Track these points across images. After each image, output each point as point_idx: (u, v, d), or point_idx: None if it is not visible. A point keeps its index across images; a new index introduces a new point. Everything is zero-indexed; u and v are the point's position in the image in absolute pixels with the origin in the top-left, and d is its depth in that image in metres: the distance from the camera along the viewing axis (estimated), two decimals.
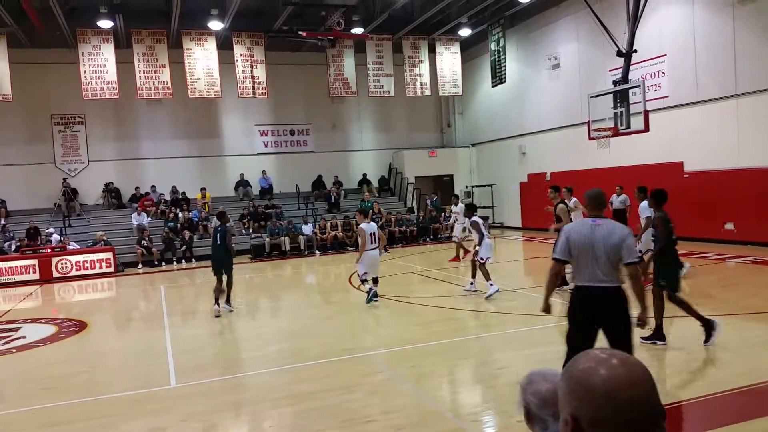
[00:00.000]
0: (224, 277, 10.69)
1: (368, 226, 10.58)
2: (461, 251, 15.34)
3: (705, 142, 15.74)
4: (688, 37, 16.07)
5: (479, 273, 10.56)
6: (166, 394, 6.44)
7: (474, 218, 10.81)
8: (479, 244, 10.55)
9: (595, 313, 4.69)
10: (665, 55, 16.73)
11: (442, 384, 6.61)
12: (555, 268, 4.93)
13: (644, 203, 10.44)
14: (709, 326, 6.72)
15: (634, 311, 4.67)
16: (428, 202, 23.41)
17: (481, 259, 10.42)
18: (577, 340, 4.71)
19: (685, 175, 16.24)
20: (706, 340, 6.69)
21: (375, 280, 10.72)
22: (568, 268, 4.88)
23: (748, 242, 14.35)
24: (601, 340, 4.59)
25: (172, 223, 20.57)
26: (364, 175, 25.86)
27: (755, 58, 14.41)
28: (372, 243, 10.48)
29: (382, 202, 23.99)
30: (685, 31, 16.15)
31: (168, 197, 22.65)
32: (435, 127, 28.10)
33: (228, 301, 10.73)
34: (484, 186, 25.46)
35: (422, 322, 9.10)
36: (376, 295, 10.50)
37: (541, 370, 1.85)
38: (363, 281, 10.72)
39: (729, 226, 15.16)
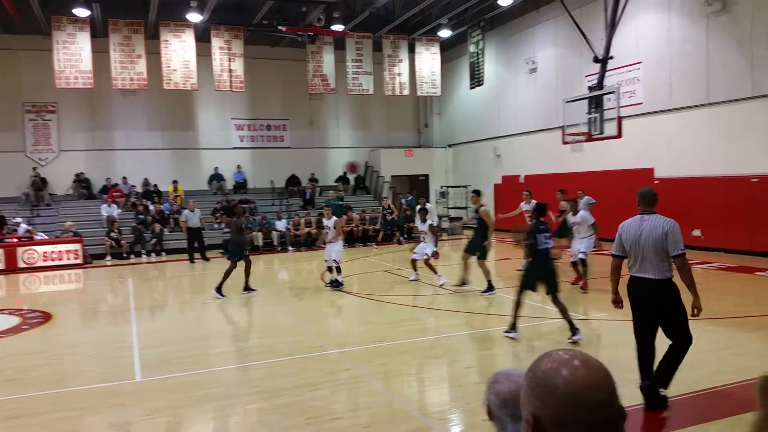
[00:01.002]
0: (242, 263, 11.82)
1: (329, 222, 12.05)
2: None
3: (676, 150, 16.02)
4: (664, 45, 16.34)
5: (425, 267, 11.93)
6: (130, 388, 6.35)
7: (429, 222, 12.22)
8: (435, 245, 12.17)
9: (647, 304, 5.08)
10: (641, 62, 16.99)
11: (411, 382, 6.61)
12: (613, 263, 5.35)
13: (584, 212, 11.15)
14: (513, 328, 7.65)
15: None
16: (403, 201, 23.45)
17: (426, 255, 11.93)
18: (638, 329, 5.23)
19: (655, 181, 16.49)
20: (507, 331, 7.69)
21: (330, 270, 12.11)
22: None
23: (714, 249, 14.65)
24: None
25: (142, 216, 20.29)
26: (344, 172, 25.79)
27: (727, 68, 14.70)
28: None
29: (357, 200, 23.99)
30: (661, 40, 16.42)
31: (139, 189, 22.33)
32: (412, 127, 28.16)
33: (246, 286, 11.86)
34: (459, 187, 25.59)
35: (393, 321, 9.10)
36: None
37: (507, 369, 1.86)
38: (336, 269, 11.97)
39: (696, 232, 15.44)
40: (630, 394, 5.41)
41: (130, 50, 19.54)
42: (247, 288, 11.84)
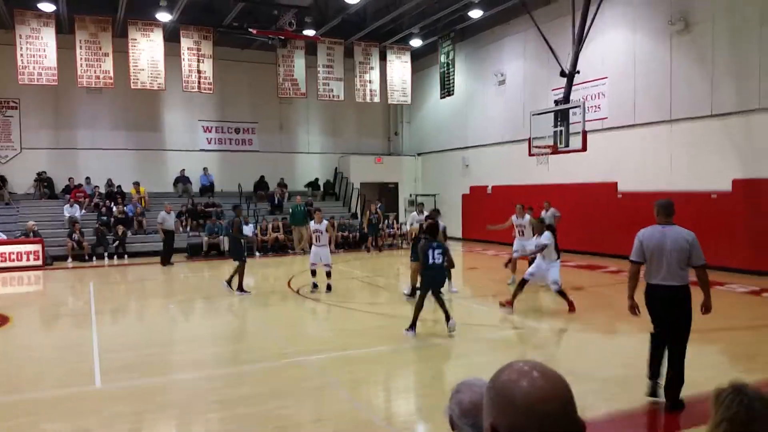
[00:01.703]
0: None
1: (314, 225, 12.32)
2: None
3: (639, 165, 16.41)
4: (629, 62, 16.75)
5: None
6: (90, 394, 6.21)
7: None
8: None
9: (665, 308, 5.43)
10: (606, 78, 17.38)
11: (377, 391, 6.62)
12: (632, 269, 5.62)
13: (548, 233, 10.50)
14: (413, 327, 8.40)
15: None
16: (375, 210, 23.47)
17: None
18: (661, 335, 5.55)
19: (618, 195, 16.87)
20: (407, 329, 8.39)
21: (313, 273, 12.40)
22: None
23: None
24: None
25: (105, 217, 19.89)
26: (316, 179, 25.69)
27: (689, 85, 15.14)
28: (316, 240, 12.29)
29: (326, 206, 23.91)
30: (626, 56, 16.83)
31: (103, 190, 21.89)
32: (382, 134, 28.25)
33: (231, 283, 12.24)
34: (428, 195, 25.74)
35: (360, 329, 9.11)
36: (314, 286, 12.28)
37: (470, 379, 1.89)
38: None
39: None
40: (591, 405, 5.52)
41: (97, 48, 19.18)
42: (241, 290, 12.21)
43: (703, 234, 6.00)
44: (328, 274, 12.25)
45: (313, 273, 12.42)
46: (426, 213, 14.51)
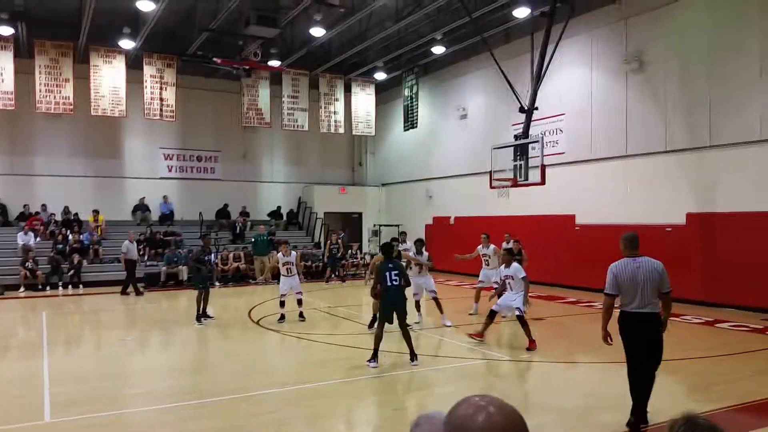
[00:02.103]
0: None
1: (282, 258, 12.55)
2: None
3: (596, 198, 16.83)
4: (586, 99, 17.29)
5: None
6: (38, 430, 5.97)
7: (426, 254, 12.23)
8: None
9: (639, 334, 5.74)
10: (564, 114, 17.88)
11: (337, 425, 6.54)
12: (607, 302, 5.90)
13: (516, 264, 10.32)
14: (374, 357, 8.31)
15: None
16: (338, 239, 23.40)
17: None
18: (636, 364, 5.81)
19: (576, 228, 17.23)
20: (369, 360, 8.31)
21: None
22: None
23: None
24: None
25: (60, 246, 19.36)
26: (279, 207, 25.52)
27: (644, 122, 15.68)
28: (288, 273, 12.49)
29: (290, 236, 23.74)
30: (584, 94, 17.37)
31: (59, 217, 21.33)
32: (347, 165, 28.36)
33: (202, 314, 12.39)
34: (392, 226, 25.82)
35: (320, 361, 9.01)
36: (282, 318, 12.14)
37: (430, 412, 1.89)
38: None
39: None
40: None
41: (57, 73, 18.91)
42: (205, 315, 12.51)
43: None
44: (300, 302, 12.44)
45: (282, 304, 12.30)
46: (408, 241, 14.03)
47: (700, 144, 14.37)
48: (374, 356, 8.32)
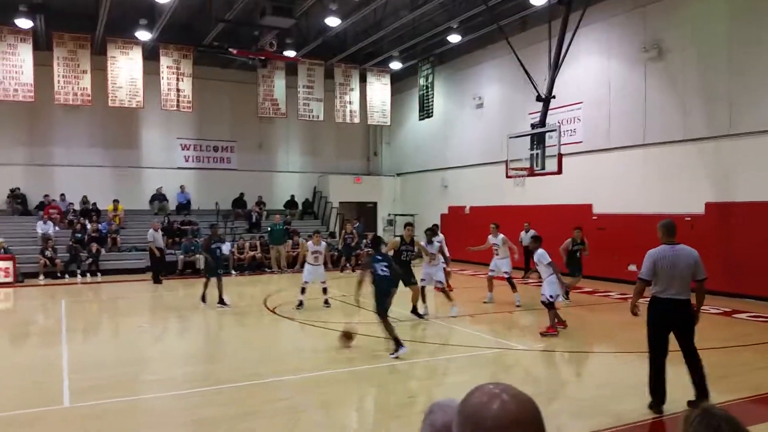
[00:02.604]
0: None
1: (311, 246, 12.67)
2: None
3: (613, 187, 16.66)
4: (604, 87, 17.09)
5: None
6: (58, 415, 6.08)
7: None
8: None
9: (672, 320, 5.91)
10: (581, 102, 17.69)
11: (350, 412, 6.57)
12: (640, 287, 6.07)
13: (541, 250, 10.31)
14: (398, 344, 8.26)
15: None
16: (353, 228, 23.43)
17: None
18: (659, 346, 5.96)
19: (593, 217, 17.09)
20: (393, 353, 8.23)
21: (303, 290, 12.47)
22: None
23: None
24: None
25: (79, 234, 19.61)
26: (292, 196, 25.60)
27: (662, 111, 15.48)
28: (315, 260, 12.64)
29: (305, 226, 23.84)
30: (601, 82, 17.17)
31: (78, 207, 21.60)
32: (362, 155, 28.35)
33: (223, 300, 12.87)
34: (407, 215, 25.79)
35: (334, 349, 9.04)
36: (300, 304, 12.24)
37: (444, 400, 1.89)
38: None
39: (632, 267, 15.99)
40: (565, 425, 5.54)
41: (75, 65, 19.09)
42: (222, 303, 12.92)
43: None
44: (325, 291, 12.68)
45: (303, 291, 12.43)
46: (440, 233, 13.67)
47: (719, 133, 14.16)
48: (398, 343, 8.30)
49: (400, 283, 9.46)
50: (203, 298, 13.04)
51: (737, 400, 6.40)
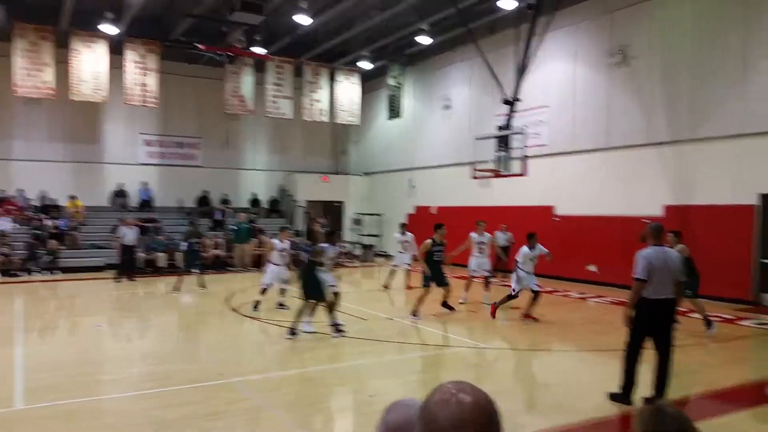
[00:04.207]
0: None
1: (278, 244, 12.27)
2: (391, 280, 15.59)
3: (576, 190, 16.97)
4: (569, 92, 17.38)
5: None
6: (10, 417, 5.91)
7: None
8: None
9: (660, 320, 6.11)
10: (547, 106, 17.96)
11: (313, 411, 6.55)
12: (639, 287, 6.08)
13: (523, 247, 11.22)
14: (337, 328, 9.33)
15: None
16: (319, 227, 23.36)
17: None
18: (639, 345, 6.17)
19: (555, 218, 17.37)
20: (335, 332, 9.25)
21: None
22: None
23: (608, 284, 15.52)
24: None
25: (38, 231, 19.11)
26: (254, 195, 25.37)
27: (626, 116, 15.82)
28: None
29: (271, 224, 23.67)
30: (567, 86, 17.46)
31: (37, 203, 21.05)
32: (330, 153, 28.27)
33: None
34: (374, 215, 25.85)
35: (298, 348, 9.01)
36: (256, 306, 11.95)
37: (403, 399, 1.91)
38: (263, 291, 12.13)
39: (592, 268, 16.33)
40: (523, 423, 5.63)
41: (37, 57, 18.60)
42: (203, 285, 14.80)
43: (633, 256, 6.28)
44: (283, 292, 12.33)
45: (264, 291, 12.09)
46: (407, 232, 15.88)
47: (680, 137, 14.54)
48: (338, 326, 9.36)
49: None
50: (177, 288, 14.37)
51: (689, 396, 6.59)
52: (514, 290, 11.00)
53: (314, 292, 9.49)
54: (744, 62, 13.33)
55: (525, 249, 11.07)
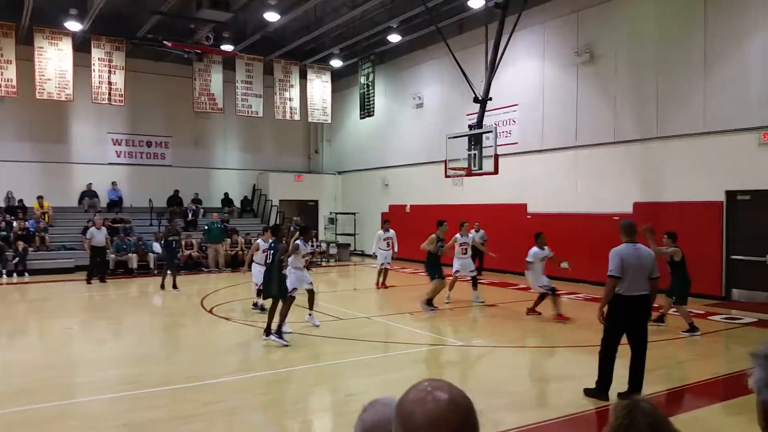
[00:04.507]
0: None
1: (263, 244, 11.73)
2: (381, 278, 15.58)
3: (547, 188, 17.18)
4: (538, 90, 17.58)
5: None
6: None
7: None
8: None
9: (634, 316, 6.19)
10: (517, 105, 18.16)
11: (290, 412, 6.54)
12: (613, 284, 6.16)
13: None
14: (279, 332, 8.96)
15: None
16: (291, 226, 23.22)
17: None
18: (616, 341, 6.26)
19: (528, 216, 17.57)
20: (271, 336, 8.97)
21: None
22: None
23: (581, 280, 15.74)
24: None
25: (4, 233, 18.67)
26: (226, 194, 25.17)
27: (593, 114, 16.06)
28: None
29: (243, 224, 23.51)
30: (536, 85, 17.66)
31: (2, 204, 20.55)
32: (303, 152, 28.15)
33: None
34: (348, 214, 25.82)
35: (273, 349, 8.97)
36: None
37: (381, 398, 1.93)
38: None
39: (564, 265, 16.52)
40: (502, 419, 5.70)
41: None
42: (175, 286, 15.03)
43: (606, 254, 6.38)
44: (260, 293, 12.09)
45: (259, 293, 11.73)
46: (391, 230, 16.09)
47: (648, 135, 14.81)
48: (267, 330, 9.10)
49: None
50: (162, 286, 15.00)
51: (662, 391, 6.75)
52: (544, 287, 11.14)
53: (273, 290, 9.38)
54: (707, 60, 13.63)
55: (536, 249, 11.26)
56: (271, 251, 9.42)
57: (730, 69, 13.28)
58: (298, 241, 10.00)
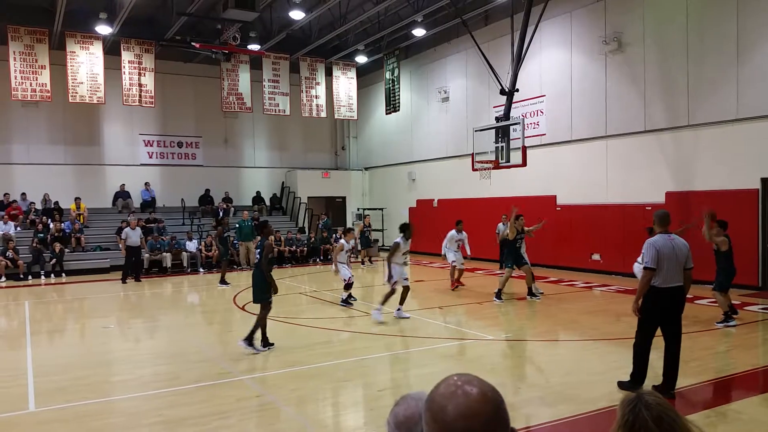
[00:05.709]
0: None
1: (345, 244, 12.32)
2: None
3: (576, 179, 16.98)
4: (566, 80, 17.36)
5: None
6: (23, 419, 5.98)
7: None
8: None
9: (670, 307, 6.10)
10: (544, 95, 17.96)
11: (323, 407, 6.61)
12: (649, 276, 6.08)
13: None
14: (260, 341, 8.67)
15: None
16: (319, 223, 23.41)
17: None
18: (651, 334, 6.19)
19: (557, 208, 17.39)
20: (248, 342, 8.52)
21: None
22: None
23: (612, 272, 15.57)
24: None
25: (41, 234, 19.17)
26: (258, 193, 25.45)
27: (623, 103, 15.81)
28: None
29: (273, 221, 23.70)
30: (563, 76, 17.44)
31: (39, 206, 21.10)
32: (329, 149, 28.29)
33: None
34: (376, 209, 25.88)
35: (306, 344, 9.06)
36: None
37: (412, 392, 1.95)
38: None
39: (596, 256, 16.36)
40: (534, 413, 5.68)
41: (33, 60, 18.63)
42: (223, 281, 16.05)
43: (638, 245, 6.32)
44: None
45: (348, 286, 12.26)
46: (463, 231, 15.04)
47: (678, 124, 14.53)
48: (250, 339, 8.51)
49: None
50: (223, 281, 16.05)
51: (697, 384, 6.63)
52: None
53: (257, 294, 8.84)
54: (738, 47, 13.30)
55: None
56: (257, 249, 8.79)
57: (761, 55, 12.92)
58: (398, 239, 10.54)
